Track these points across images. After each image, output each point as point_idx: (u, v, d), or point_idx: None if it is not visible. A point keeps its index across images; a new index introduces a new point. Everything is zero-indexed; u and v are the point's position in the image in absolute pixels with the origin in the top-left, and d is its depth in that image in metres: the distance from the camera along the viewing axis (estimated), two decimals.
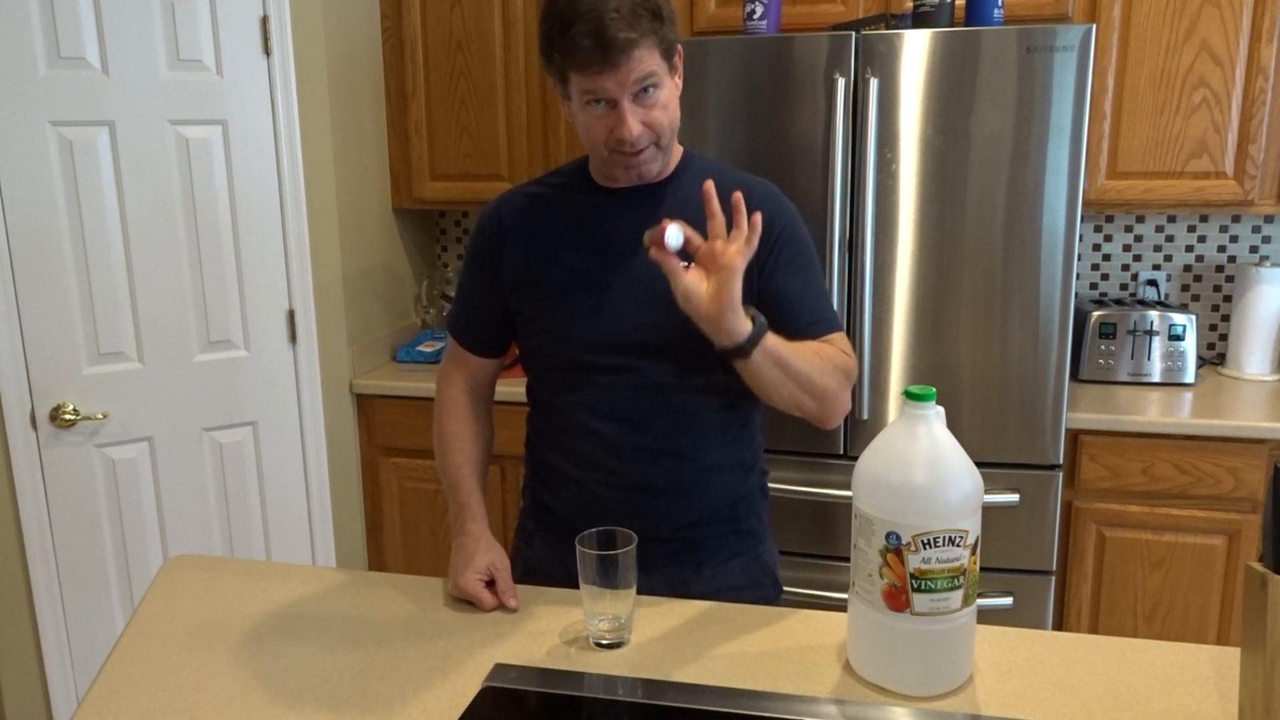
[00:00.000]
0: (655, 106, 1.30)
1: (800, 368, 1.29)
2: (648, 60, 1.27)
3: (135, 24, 2.20)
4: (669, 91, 1.32)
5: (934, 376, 2.31)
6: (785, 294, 1.39)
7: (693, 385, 1.39)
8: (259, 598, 1.39)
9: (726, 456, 1.45)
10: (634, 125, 1.29)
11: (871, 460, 1.12)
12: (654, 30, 1.26)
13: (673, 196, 1.41)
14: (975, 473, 1.10)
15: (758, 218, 1.20)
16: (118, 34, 2.19)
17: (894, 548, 1.07)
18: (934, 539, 1.06)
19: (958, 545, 1.07)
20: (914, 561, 1.07)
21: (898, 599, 1.09)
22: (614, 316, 1.38)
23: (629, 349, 1.38)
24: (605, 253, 1.39)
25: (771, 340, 1.25)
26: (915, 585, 1.08)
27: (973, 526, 1.08)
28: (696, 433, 1.41)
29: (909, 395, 1.10)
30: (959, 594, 1.09)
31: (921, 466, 1.08)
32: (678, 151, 1.43)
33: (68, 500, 2.28)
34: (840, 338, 1.41)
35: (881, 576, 1.09)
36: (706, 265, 1.20)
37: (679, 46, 1.34)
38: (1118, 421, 2.31)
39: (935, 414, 1.10)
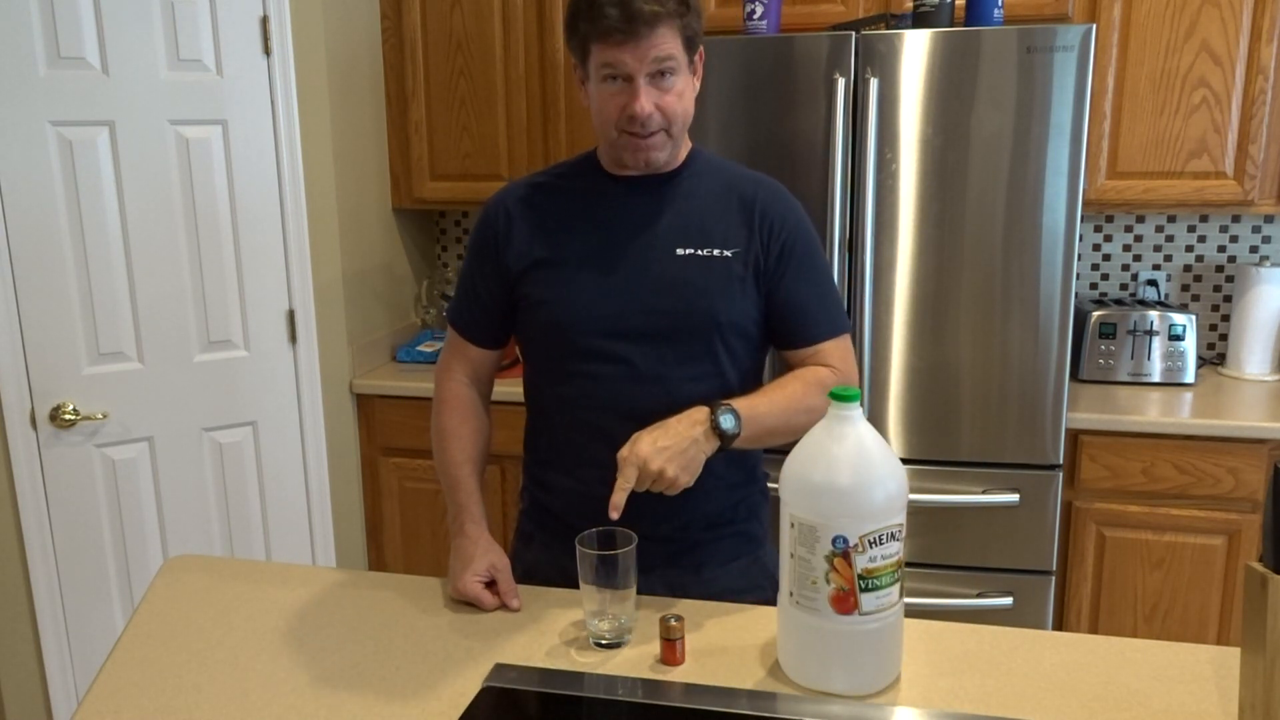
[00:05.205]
0: (670, 92, 1.33)
1: (778, 423, 1.35)
2: (669, 42, 1.29)
3: (135, 24, 2.20)
4: (685, 82, 1.35)
5: (934, 376, 2.30)
6: (796, 301, 1.42)
7: (695, 375, 1.39)
8: (259, 598, 1.39)
9: (729, 454, 1.44)
10: (646, 103, 1.31)
11: (810, 469, 1.10)
12: (679, 14, 1.29)
13: (678, 189, 1.43)
14: (897, 460, 1.12)
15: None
16: (118, 34, 2.18)
17: (841, 551, 1.07)
18: (879, 536, 1.07)
19: (897, 539, 1.09)
20: (861, 562, 1.07)
21: (846, 602, 1.09)
22: (617, 301, 1.38)
23: (631, 335, 1.38)
24: (610, 238, 1.40)
25: (747, 426, 1.30)
26: (863, 585, 1.08)
27: (904, 515, 1.11)
28: None
29: (836, 397, 1.10)
30: (897, 587, 1.11)
31: (865, 467, 1.08)
32: (686, 145, 1.45)
33: (68, 500, 2.28)
34: (842, 344, 1.45)
35: (828, 582, 1.09)
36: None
37: (700, 47, 1.37)
38: (1118, 421, 2.31)
39: (860, 413, 1.11)
